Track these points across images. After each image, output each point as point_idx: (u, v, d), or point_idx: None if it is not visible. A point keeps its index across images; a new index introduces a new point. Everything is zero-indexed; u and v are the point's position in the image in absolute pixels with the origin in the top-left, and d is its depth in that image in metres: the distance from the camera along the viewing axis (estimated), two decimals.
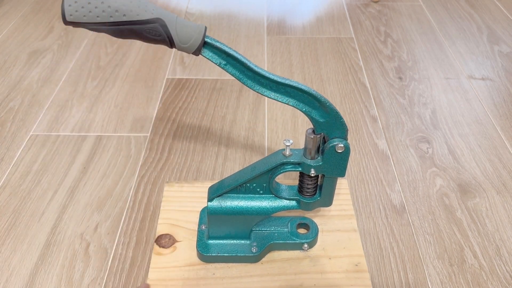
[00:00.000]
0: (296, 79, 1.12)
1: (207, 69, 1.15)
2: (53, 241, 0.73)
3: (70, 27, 1.32)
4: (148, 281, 0.65)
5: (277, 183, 0.66)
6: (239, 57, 0.53)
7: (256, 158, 0.89)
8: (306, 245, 0.69)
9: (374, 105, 1.04)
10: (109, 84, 1.09)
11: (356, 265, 0.67)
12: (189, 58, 1.19)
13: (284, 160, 0.61)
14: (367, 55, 1.21)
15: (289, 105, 0.56)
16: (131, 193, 0.81)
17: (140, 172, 0.85)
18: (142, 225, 0.75)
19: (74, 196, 0.81)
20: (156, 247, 0.69)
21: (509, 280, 0.68)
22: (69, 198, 0.80)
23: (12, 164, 0.87)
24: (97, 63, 1.17)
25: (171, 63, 1.17)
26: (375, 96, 1.06)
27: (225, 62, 0.54)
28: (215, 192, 0.65)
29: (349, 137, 0.94)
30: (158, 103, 1.03)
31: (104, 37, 1.28)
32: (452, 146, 0.93)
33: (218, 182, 0.66)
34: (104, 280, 0.67)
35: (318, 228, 0.71)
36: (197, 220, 0.73)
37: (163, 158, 0.89)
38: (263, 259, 0.68)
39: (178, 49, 0.51)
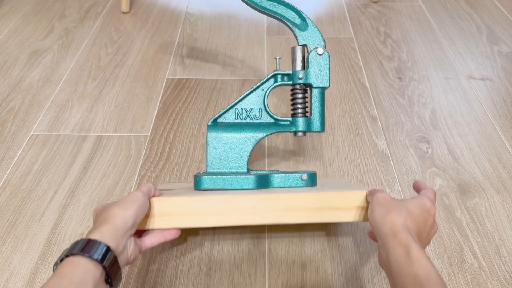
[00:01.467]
0: None
1: (207, 69, 1.15)
2: (53, 241, 0.73)
3: (70, 27, 1.32)
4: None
5: (272, 113, 0.71)
6: None
7: (256, 158, 0.89)
8: (305, 175, 0.67)
9: (374, 105, 1.04)
10: (109, 84, 1.09)
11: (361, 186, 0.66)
12: (190, 58, 1.19)
13: (275, 72, 0.71)
14: (367, 55, 1.21)
15: (276, 17, 0.72)
16: None
17: (140, 172, 0.85)
18: None
19: (75, 196, 0.81)
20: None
21: (509, 279, 0.68)
22: (70, 198, 0.80)
23: (12, 164, 0.87)
24: (97, 63, 1.17)
25: (171, 63, 1.17)
26: (374, 96, 1.06)
27: None
28: (214, 116, 0.70)
29: (349, 136, 0.95)
30: (158, 103, 1.03)
31: (104, 37, 1.28)
32: (452, 146, 0.93)
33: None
34: None
35: (316, 172, 0.70)
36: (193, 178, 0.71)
37: (163, 158, 0.89)
38: (262, 190, 0.65)
39: None
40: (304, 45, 0.71)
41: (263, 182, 0.66)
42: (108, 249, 0.48)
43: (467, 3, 1.48)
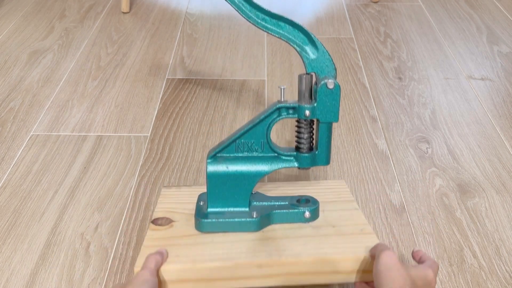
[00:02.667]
0: (296, 79, 1.12)
1: (207, 69, 1.15)
2: (53, 241, 0.73)
3: (71, 27, 1.32)
4: (143, 247, 0.62)
5: (275, 143, 0.67)
6: None
7: None
8: (307, 213, 0.66)
9: (374, 105, 1.04)
10: (110, 84, 1.09)
11: (362, 229, 0.65)
12: (190, 58, 1.19)
13: (280, 105, 0.63)
14: (366, 55, 1.21)
15: (282, 38, 0.62)
16: (131, 193, 0.81)
17: (140, 172, 0.85)
18: (142, 225, 0.76)
19: (75, 196, 0.81)
20: (152, 225, 0.66)
21: (509, 279, 0.68)
22: (70, 198, 0.80)
23: (12, 164, 0.87)
24: (98, 63, 1.17)
25: (171, 63, 1.17)
26: (374, 96, 1.06)
27: None
28: (213, 150, 0.65)
29: (349, 136, 0.95)
30: (158, 103, 1.03)
31: (104, 37, 1.28)
32: (452, 146, 0.93)
33: (218, 144, 0.67)
34: (105, 280, 0.67)
35: (318, 201, 0.69)
36: (195, 208, 0.70)
37: (163, 158, 0.89)
38: (264, 229, 0.65)
39: None
40: (312, 73, 0.64)
41: (264, 222, 0.66)
42: None
43: (467, 3, 1.49)
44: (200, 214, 0.66)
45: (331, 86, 0.60)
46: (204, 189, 0.79)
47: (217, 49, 1.23)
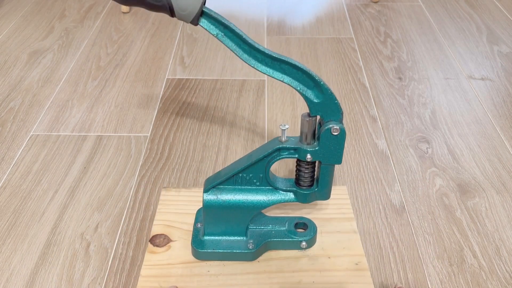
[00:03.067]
0: None
1: (207, 69, 1.15)
2: (53, 241, 0.73)
3: (70, 27, 1.32)
4: (140, 278, 0.64)
5: (274, 175, 0.66)
6: (236, 30, 0.54)
7: None
8: (304, 243, 0.68)
9: (374, 105, 1.04)
10: (110, 84, 1.09)
11: (357, 264, 0.66)
12: (190, 58, 1.19)
13: (280, 146, 0.60)
14: (366, 55, 1.21)
15: (284, 82, 0.56)
16: (131, 193, 0.81)
17: (140, 172, 0.85)
18: (142, 225, 0.76)
19: (75, 196, 0.81)
20: (150, 246, 0.69)
21: (509, 279, 0.68)
22: (70, 198, 0.80)
23: (12, 164, 0.87)
24: (97, 63, 1.17)
25: (171, 63, 1.17)
26: (374, 96, 1.06)
27: (222, 34, 0.55)
28: (211, 183, 0.64)
29: (349, 136, 0.95)
30: (158, 103, 1.03)
31: (104, 37, 1.28)
32: (452, 146, 0.93)
33: (215, 173, 0.66)
34: (104, 280, 0.67)
35: (316, 227, 0.70)
36: (193, 221, 0.72)
37: (163, 158, 0.89)
38: (260, 258, 0.67)
39: (178, 18, 0.53)
40: (316, 116, 0.59)
41: (261, 251, 0.67)
42: None
43: (467, 3, 1.49)
44: (197, 242, 0.67)
45: (335, 132, 0.57)
46: (202, 191, 0.80)
47: (217, 49, 1.23)
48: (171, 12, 0.53)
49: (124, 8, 1.40)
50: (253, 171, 0.63)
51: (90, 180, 0.84)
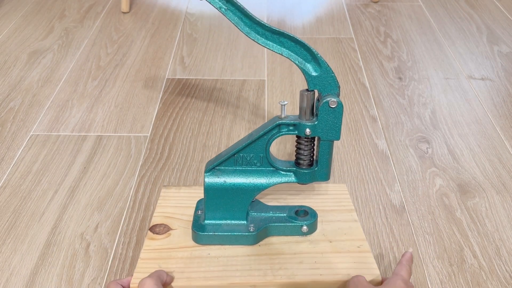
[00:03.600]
0: (296, 79, 1.12)
1: (207, 69, 1.15)
2: (53, 241, 0.73)
3: (70, 27, 1.32)
4: (139, 260, 0.62)
5: (274, 157, 0.66)
6: (238, 3, 0.56)
7: None
8: (305, 227, 0.67)
9: (374, 105, 1.04)
10: (109, 84, 1.09)
11: (358, 246, 0.66)
12: (190, 58, 1.19)
13: (279, 122, 0.61)
14: (367, 55, 1.21)
15: (283, 55, 0.58)
16: (131, 193, 0.81)
17: (140, 172, 0.85)
18: (142, 225, 0.75)
19: (75, 196, 0.81)
20: (149, 233, 0.67)
21: (509, 280, 0.68)
22: (70, 198, 0.80)
23: (12, 164, 0.87)
24: (97, 63, 1.17)
25: (171, 63, 1.17)
26: (374, 96, 1.06)
27: (225, 8, 0.57)
28: (212, 164, 0.64)
29: (349, 136, 0.95)
30: (158, 103, 1.03)
31: (104, 37, 1.28)
32: (452, 146, 0.93)
33: (216, 155, 0.66)
34: (104, 280, 0.67)
35: (317, 214, 0.69)
36: (193, 213, 0.71)
37: (163, 158, 0.89)
38: (261, 243, 0.66)
39: None
40: (314, 90, 0.61)
41: (262, 235, 0.67)
42: None
43: (467, 3, 1.48)
44: (197, 226, 0.66)
45: (333, 105, 0.58)
46: (202, 189, 0.79)
47: (217, 49, 1.23)
48: None
49: (124, 8, 1.40)
50: (253, 150, 0.64)
51: (90, 180, 0.84)
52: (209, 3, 0.56)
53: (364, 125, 0.98)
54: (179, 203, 0.74)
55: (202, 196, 0.76)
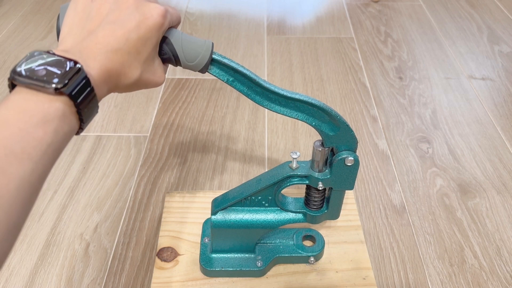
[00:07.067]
0: (296, 79, 1.11)
1: None
2: (52, 241, 0.73)
3: None
4: None
5: (283, 195, 0.64)
6: (247, 73, 0.51)
7: (256, 158, 0.89)
8: (312, 259, 0.68)
9: (374, 105, 1.03)
10: None
11: (364, 278, 0.67)
12: None
13: (291, 173, 0.59)
14: (367, 55, 1.21)
15: (299, 119, 0.54)
16: (131, 193, 0.81)
17: (140, 172, 0.85)
18: (142, 225, 0.75)
19: (74, 196, 0.80)
20: (158, 260, 0.68)
21: (510, 280, 0.68)
22: (69, 198, 0.80)
23: None
24: None
25: None
26: (375, 96, 1.06)
27: (233, 79, 0.52)
28: (219, 205, 0.63)
29: None
30: (158, 103, 1.03)
31: None
32: (452, 146, 0.93)
33: (222, 194, 0.64)
34: (104, 280, 0.67)
35: (324, 241, 0.69)
36: (200, 232, 0.72)
37: (163, 158, 0.88)
38: (268, 273, 0.67)
39: (184, 67, 0.49)
40: (329, 147, 0.57)
41: (269, 266, 0.67)
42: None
43: (468, 3, 1.48)
44: (205, 260, 0.67)
45: (350, 163, 0.56)
46: (206, 196, 0.80)
47: (217, 48, 1.23)
48: (176, 63, 0.48)
49: None
50: (262, 194, 0.62)
51: (90, 180, 0.84)
52: (215, 76, 0.51)
53: (365, 125, 0.98)
54: (184, 217, 0.75)
55: (206, 205, 0.76)
